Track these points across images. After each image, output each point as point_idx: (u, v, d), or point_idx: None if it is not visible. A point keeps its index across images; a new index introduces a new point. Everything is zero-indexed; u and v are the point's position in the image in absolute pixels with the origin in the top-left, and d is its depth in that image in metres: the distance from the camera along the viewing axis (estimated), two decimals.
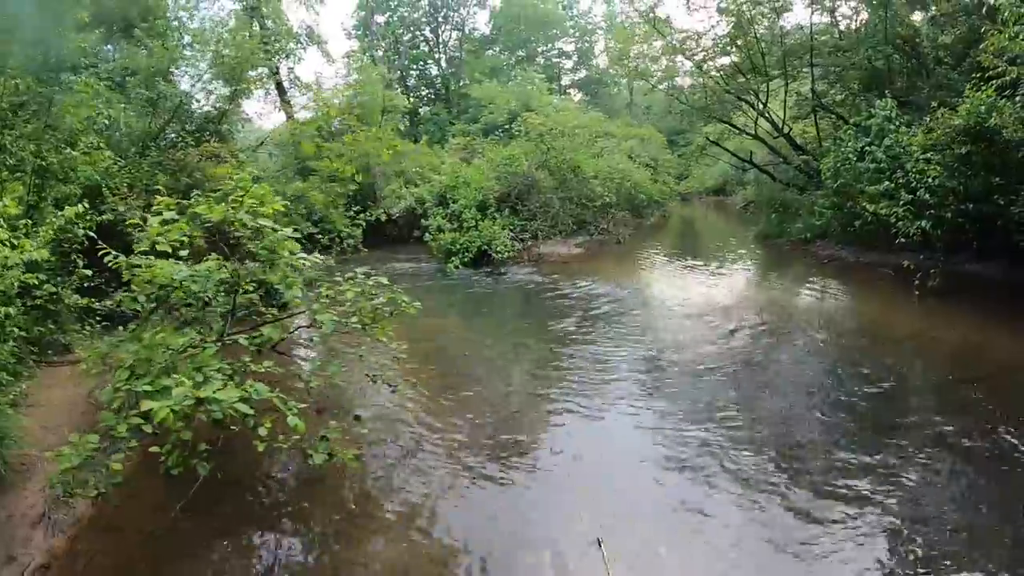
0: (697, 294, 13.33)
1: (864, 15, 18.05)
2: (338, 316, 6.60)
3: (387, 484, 6.20)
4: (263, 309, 6.89)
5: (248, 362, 5.71)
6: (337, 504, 5.90)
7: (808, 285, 14.09)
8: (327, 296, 6.48)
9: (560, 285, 15.26)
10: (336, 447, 5.65)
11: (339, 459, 5.63)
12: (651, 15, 21.76)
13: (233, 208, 5.31)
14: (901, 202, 12.59)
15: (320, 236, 16.41)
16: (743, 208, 29.65)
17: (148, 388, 4.65)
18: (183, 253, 5.94)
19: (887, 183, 13.04)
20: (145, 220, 5.59)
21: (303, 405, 5.60)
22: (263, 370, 5.73)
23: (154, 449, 5.28)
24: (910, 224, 12.40)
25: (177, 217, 5.28)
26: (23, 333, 7.95)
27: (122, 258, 6.01)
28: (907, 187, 12.61)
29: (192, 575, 5.09)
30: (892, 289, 12.79)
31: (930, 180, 12.02)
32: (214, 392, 4.37)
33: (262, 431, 4.79)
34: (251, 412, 4.49)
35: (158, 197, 6.03)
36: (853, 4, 18.34)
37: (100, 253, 6.24)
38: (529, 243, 20.35)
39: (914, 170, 12.42)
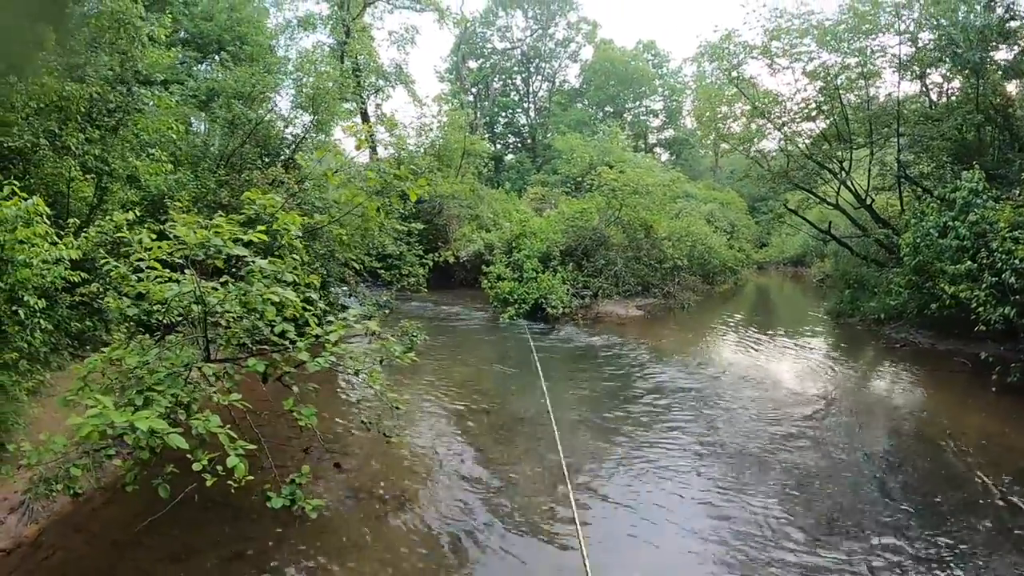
0: (755, 378, 12.18)
1: (956, 83, 16.99)
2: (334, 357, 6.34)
3: (361, 539, 5.86)
4: (271, 337, 6.75)
5: (214, 391, 5.55)
6: (311, 549, 5.62)
7: (878, 375, 13.03)
8: (323, 334, 6.24)
9: (612, 350, 14.66)
10: (300, 493, 5.35)
11: (300, 506, 5.35)
12: (736, 74, 21.28)
13: (215, 233, 5.23)
14: (984, 284, 11.26)
15: (382, 271, 16.60)
16: (819, 282, 28.20)
17: (90, 403, 4.56)
18: (188, 271, 5.95)
19: (969, 262, 11.74)
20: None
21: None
22: (227, 402, 5.53)
23: (117, 463, 5.21)
24: (992, 310, 11.05)
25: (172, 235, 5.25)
26: (59, 326, 8.27)
27: (120, 268, 6.07)
28: (991, 268, 11.28)
29: None
30: (967, 383, 11.59)
31: (1017, 261, 10.68)
32: (145, 419, 4.15)
33: (196, 466, 4.54)
34: (184, 444, 4.26)
35: (175, 214, 6.11)
36: (944, 72, 17.26)
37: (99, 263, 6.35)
38: (588, 300, 19.83)
39: (1000, 249, 11.08)
